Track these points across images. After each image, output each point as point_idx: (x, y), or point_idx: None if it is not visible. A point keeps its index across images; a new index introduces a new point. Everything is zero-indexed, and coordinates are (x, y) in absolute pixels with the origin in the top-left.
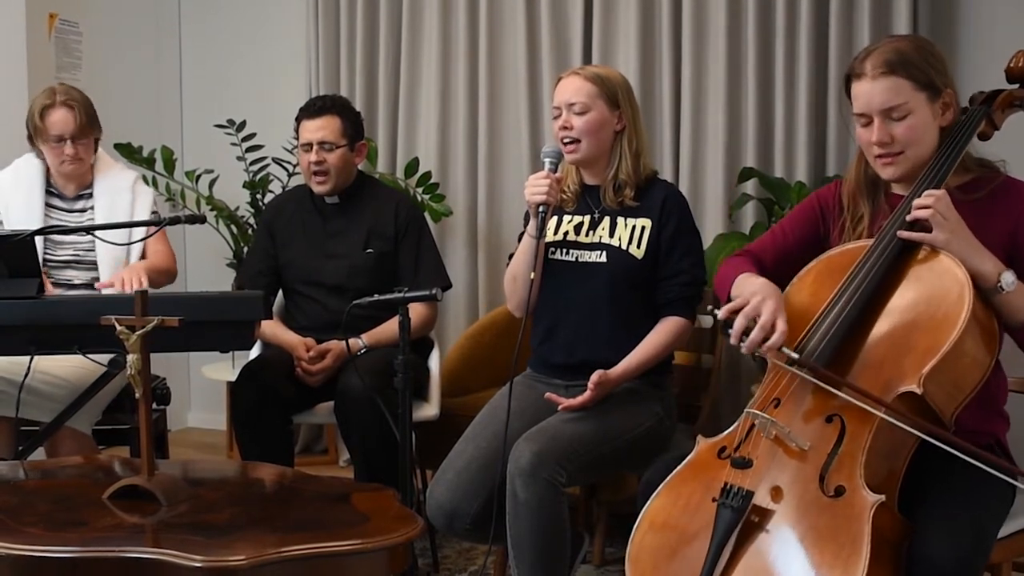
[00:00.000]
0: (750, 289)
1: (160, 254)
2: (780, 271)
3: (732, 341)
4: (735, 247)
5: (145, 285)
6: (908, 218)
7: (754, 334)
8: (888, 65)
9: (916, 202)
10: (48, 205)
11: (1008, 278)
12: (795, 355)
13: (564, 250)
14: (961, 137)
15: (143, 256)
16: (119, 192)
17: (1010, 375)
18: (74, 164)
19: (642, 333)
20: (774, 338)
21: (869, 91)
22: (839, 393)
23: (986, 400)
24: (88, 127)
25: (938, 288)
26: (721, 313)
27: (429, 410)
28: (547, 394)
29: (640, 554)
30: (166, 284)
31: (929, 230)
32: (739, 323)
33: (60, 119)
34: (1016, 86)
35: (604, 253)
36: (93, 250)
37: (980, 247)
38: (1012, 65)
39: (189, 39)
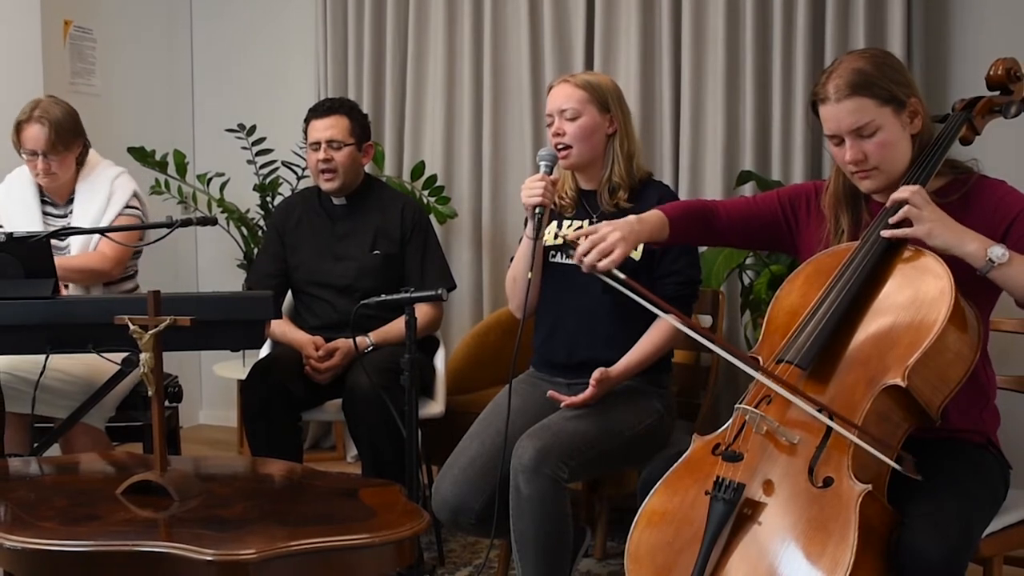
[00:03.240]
0: (616, 223)
1: (93, 254)
2: (750, 237)
3: (574, 260)
4: (732, 248)
5: None
6: (892, 219)
7: (591, 256)
8: (850, 87)
9: (893, 195)
10: (44, 213)
11: (996, 251)
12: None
13: (564, 253)
14: (941, 144)
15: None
16: (95, 193)
17: (1006, 373)
18: (47, 178)
19: (641, 332)
20: (604, 262)
21: (835, 114)
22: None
23: (976, 397)
24: (58, 144)
25: (921, 285)
26: (571, 234)
27: (435, 407)
28: (549, 392)
29: (639, 550)
30: (88, 284)
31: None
32: (583, 246)
33: (32, 135)
34: (996, 93)
35: None
36: None
37: (962, 230)
38: (991, 73)
39: (200, 45)
